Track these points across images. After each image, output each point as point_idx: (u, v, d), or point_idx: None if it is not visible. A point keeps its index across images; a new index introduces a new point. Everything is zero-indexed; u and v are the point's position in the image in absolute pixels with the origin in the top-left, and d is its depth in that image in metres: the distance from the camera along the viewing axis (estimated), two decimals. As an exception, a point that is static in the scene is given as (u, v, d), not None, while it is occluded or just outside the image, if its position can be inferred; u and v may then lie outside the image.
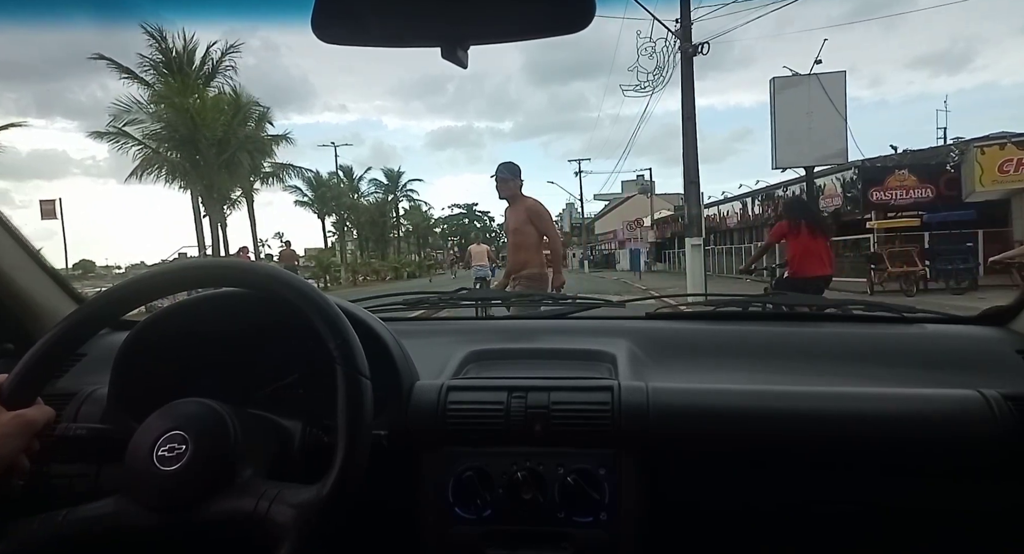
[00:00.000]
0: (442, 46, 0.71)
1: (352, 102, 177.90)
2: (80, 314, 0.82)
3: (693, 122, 14.66)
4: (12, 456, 0.72)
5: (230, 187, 22.59)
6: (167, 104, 18.38)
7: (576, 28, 0.70)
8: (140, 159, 19.23)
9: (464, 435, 0.93)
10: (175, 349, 0.94)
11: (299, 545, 0.67)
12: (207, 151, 19.01)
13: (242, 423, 0.76)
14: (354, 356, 0.76)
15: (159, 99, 18.46)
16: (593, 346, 1.17)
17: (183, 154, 19.29)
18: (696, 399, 0.94)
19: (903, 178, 17.26)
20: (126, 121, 18.31)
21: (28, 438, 0.74)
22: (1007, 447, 0.86)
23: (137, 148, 19.10)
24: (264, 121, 21.47)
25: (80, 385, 1.03)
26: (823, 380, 1.03)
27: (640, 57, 14.64)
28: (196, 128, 18.47)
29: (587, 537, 0.89)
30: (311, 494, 0.70)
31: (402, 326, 1.40)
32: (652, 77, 14.95)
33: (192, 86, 18.74)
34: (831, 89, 16.36)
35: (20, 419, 0.73)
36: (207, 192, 19.34)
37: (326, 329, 0.76)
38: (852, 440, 0.90)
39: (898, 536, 0.96)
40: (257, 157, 20.44)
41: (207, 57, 20.78)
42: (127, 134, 18.68)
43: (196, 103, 18.54)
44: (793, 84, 16.71)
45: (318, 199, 42.07)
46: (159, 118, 18.45)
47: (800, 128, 16.53)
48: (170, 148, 19.31)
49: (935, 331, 1.24)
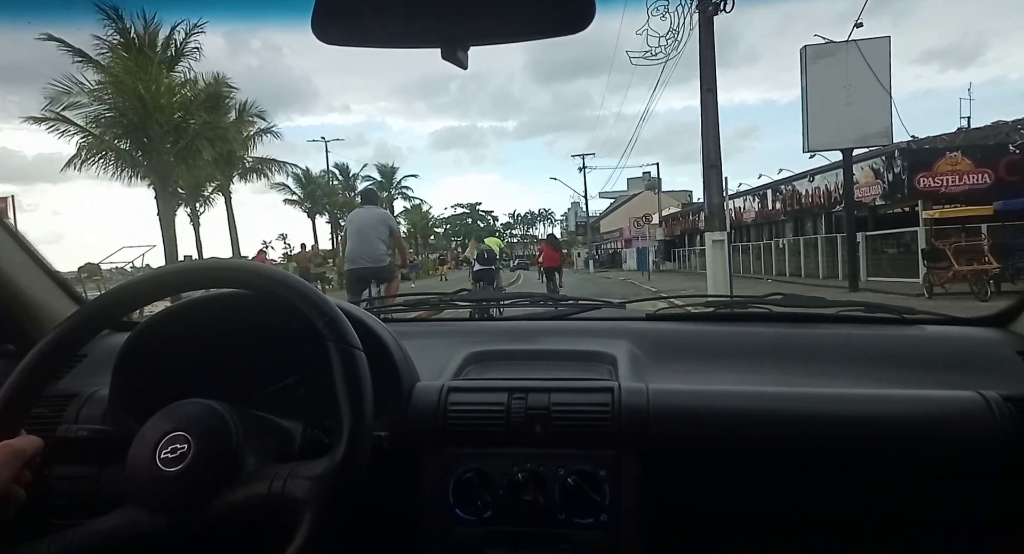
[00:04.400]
0: (442, 47, 0.72)
1: (355, 103, 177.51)
2: (80, 315, 0.82)
3: (714, 95, 12.41)
4: (3, 486, 0.71)
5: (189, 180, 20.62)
6: (113, 84, 16.17)
7: (576, 29, 0.71)
8: (79, 147, 17.04)
9: (465, 436, 0.93)
10: (176, 350, 0.94)
11: (321, 516, 0.67)
12: (160, 139, 16.79)
13: (243, 423, 0.76)
14: (343, 331, 0.76)
15: (104, 79, 16.20)
16: (593, 347, 1.17)
17: (133, 142, 17.09)
18: (697, 400, 0.93)
19: (955, 161, 14.91)
20: (65, 104, 16.10)
21: (19, 468, 0.73)
22: (1007, 449, 0.85)
23: (81, 136, 16.95)
24: (223, 100, 18.92)
25: (81, 386, 1.03)
26: (824, 381, 1.03)
27: (650, 17, 12.35)
28: (147, 112, 16.23)
29: (587, 538, 0.88)
30: (325, 465, 0.70)
31: (402, 327, 1.43)
32: (664, 42, 12.67)
33: (145, 65, 16.50)
34: (873, 58, 14.03)
35: (9, 449, 0.73)
36: (161, 186, 17.15)
37: (312, 310, 0.77)
38: (853, 441, 0.89)
39: (898, 538, 0.96)
40: (219, 145, 18.06)
41: (170, 38, 18.78)
42: (67, 119, 16.48)
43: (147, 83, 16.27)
44: (828, 53, 14.40)
45: (308, 197, 40.39)
46: (102, 100, 16.22)
47: (836, 104, 14.23)
48: (117, 135, 17.09)
49: (935, 332, 1.24)
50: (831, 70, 14.29)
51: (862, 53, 13.99)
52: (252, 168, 27.95)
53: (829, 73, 14.30)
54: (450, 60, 0.71)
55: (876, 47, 14.14)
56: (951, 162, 14.90)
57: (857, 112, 14.09)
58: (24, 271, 1.16)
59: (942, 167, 14.95)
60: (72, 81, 16.11)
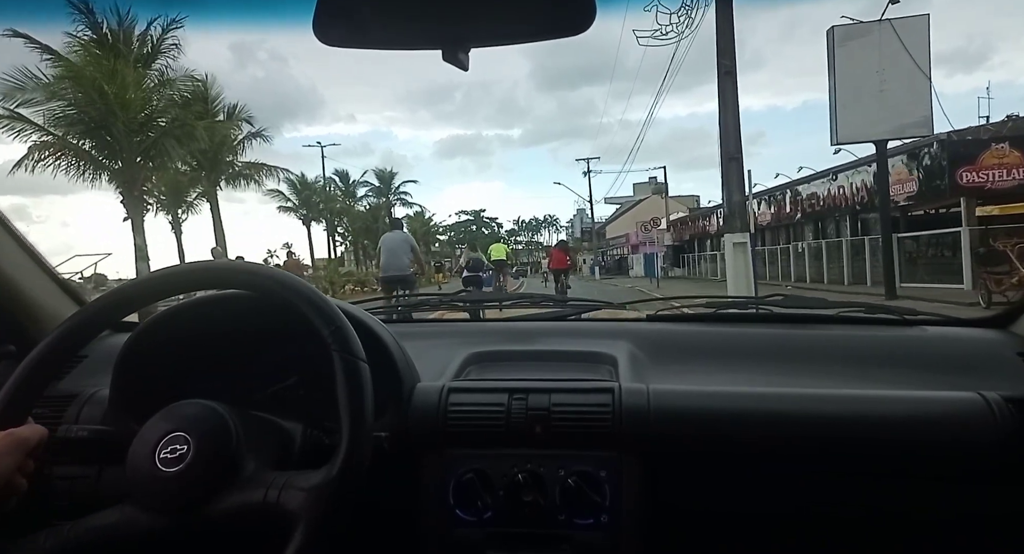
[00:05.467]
0: (443, 49, 0.72)
1: (361, 113, 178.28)
2: (81, 316, 0.82)
3: (733, 78, 10.95)
4: (6, 476, 0.71)
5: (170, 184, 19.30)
6: (73, 78, 14.69)
7: (577, 30, 0.70)
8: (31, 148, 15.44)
9: (465, 437, 0.93)
10: (176, 351, 0.94)
11: (314, 529, 0.67)
12: (125, 138, 15.29)
13: (243, 424, 0.76)
14: (349, 341, 0.76)
15: (63, 72, 14.70)
16: (594, 348, 1.16)
17: (96, 142, 15.58)
18: (697, 401, 0.93)
19: (1003, 154, 13.36)
20: (19, 101, 14.49)
21: (21, 457, 0.73)
22: (1007, 450, 0.85)
23: (41, 136, 15.45)
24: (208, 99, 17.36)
25: (81, 387, 1.03)
26: (824, 382, 1.03)
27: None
28: (109, 108, 14.71)
29: (588, 539, 0.88)
30: (321, 477, 0.70)
31: (403, 328, 1.42)
32: (676, 17, 11.20)
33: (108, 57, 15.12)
34: (910, 39, 12.49)
35: (12, 438, 0.72)
36: (127, 189, 15.65)
37: (319, 318, 0.77)
38: (853, 442, 0.89)
39: (899, 539, 0.96)
40: (188, 145, 16.53)
41: (147, 34, 17.48)
42: (22, 117, 14.94)
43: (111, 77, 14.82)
44: (859, 34, 12.86)
45: (303, 203, 39.22)
46: (61, 96, 14.62)
47: (869, 91, 12.68)
48: (78, 134, 15.57)
49: (936, 333, 1.23)
50: (862, 53, 12.75)
51: (897, 33, 12.46)
52: (240, 173, 26.71)
53: (860, 57, 12.76)
54: (451, 62, 0.72)
55: (913, 26, 12.59)
56: (998, 154, 13.34)
57: (892, 100, 12.54)
58: (25, 272, 1.16)
59: (987, 160, 13.39)
60: (27, 75, 14.61)
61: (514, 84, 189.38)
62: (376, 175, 47.51)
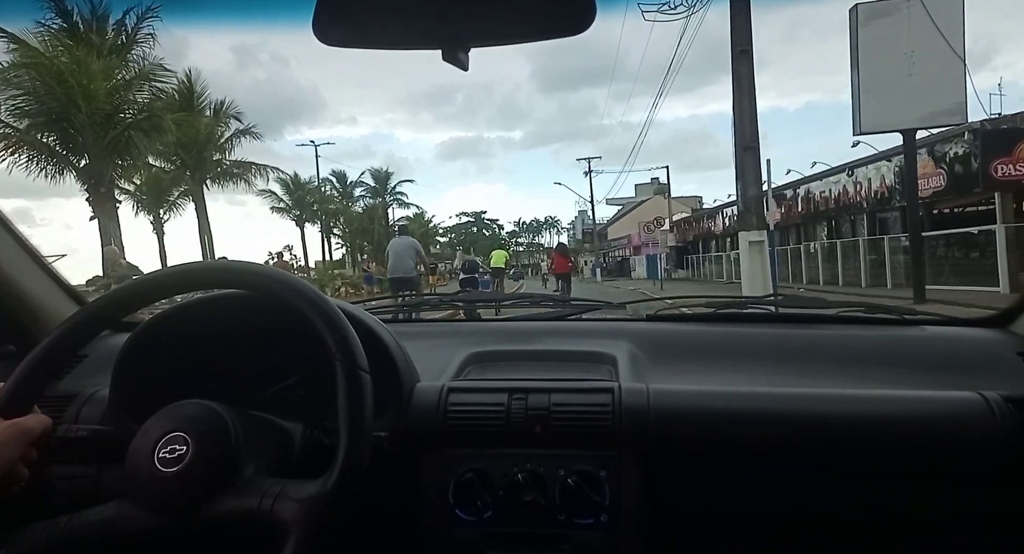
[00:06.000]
0: (443, 48, 0.72)
1: (363, 115, 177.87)
2: (81, 316, 0.82)
3: (748, 58, 9.81)
4: (9, 464, 0.71)
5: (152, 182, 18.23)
6: (30, 65, 13.59)
7: (577, 30, 0.71)
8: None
9: (465, 437, 0.93)
10: (176, 351, 0.94)
11: (306, 541, 0.67)
12: (89, 131, 14.19)
13: (243, 424, 0.76)
14: (353, 351, 0.76)
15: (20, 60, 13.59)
16: (594, 348, 1.17)
17: (59, 135, 14.50)
18: (697, 401, 0.93)
19: (1043, 144, 12.19)
20: None
21: (24, 446, 0.73)
22: (1008, 449, 0.85)
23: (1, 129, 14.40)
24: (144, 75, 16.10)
25: (81, 387, 1.03)
26: (824, 382, 1.03)
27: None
28: (71, 98, 13.66)
29: (588, 539, 0.88)
30: (315, 489, 0.70)
31: (402, 328, 1.44)
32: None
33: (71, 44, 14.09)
34: (942, 18, 11.33)
35: (16, 427, 0.73)
36: (93, 186, 14.58)
37: (324, 326, 0.77)
38: (853, 442, 0.89)
39: (899, 538, 0.95)
40: (155, 137, 15.41)
41: (121, 23, 16.44)
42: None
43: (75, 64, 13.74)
44: (884, 12, 11.69)
45: (296, 204, 38.21)
46: (17, 85, 13.59)
47: (896, 75, 11.53)
48: (38, 127, 14.45)
49: (935, 333, 1.23)
50: (888, 33, 11.60)
51: (928, 11, 11.32)
52: (227, 172, 25.67)
53: (886, 37, 11.60)
54: (451, 61, 0.72)
55: (946, 4, 11.45)
56: (1036, 145, 12.19)
57: (922, 85, 11.38)
58: (25, 272, 1.17)
59: None
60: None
61: (515, 86, 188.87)
62: (372, 175, 46.56)
